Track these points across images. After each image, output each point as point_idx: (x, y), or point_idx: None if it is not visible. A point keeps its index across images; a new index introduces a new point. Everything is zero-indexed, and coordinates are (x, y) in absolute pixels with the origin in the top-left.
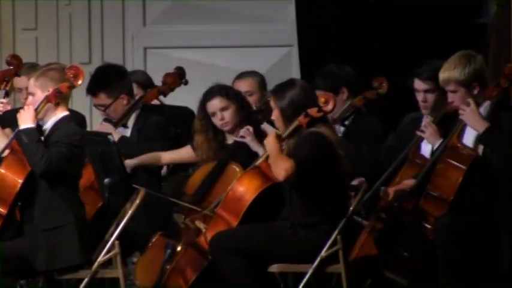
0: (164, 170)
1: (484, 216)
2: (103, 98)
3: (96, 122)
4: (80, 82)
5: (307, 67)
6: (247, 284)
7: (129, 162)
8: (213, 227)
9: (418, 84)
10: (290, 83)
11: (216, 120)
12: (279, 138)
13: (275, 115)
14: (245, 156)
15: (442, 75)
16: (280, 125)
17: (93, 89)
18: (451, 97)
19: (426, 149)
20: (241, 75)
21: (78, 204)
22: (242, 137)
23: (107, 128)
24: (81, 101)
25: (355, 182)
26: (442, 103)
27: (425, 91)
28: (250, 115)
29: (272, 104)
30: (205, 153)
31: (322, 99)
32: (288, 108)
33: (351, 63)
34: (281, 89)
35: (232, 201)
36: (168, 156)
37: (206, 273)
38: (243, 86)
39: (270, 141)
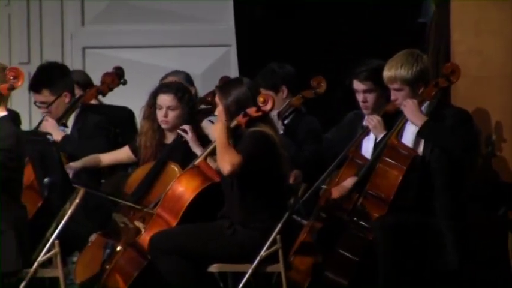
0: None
1: (423, 215)
2: (46, 95)
3: (35, 120)
4: (20, 83)
5: (246, 67)
6: (186, 284)
7: (73, 165)
8: (152, 227)
9: (357, 85)
10: (237, 81)
11: (159, 114)
12: (228, 128)
13: (219, 111)
14: (183, 156)
15: (388, 73)
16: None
17: (36, 86)
18: (394, 95)
19: (367, 148)
20: (166, 77)
21: (19, 209)
22: (184, 131)
23: (52, 124)
24: (20, 99)
25: (291, 178)
26: (382, 102)
27: (365, 91)
28: (193, 120)
29: (217, 100)
30: (149, 141)
31: (261, 99)
32: (232, 105)
33: (290, 63)
34: (227, 86)
35: (171, 201)
36: (107, 158)
37: (146, 273)
38: None
39: (219, 129)
